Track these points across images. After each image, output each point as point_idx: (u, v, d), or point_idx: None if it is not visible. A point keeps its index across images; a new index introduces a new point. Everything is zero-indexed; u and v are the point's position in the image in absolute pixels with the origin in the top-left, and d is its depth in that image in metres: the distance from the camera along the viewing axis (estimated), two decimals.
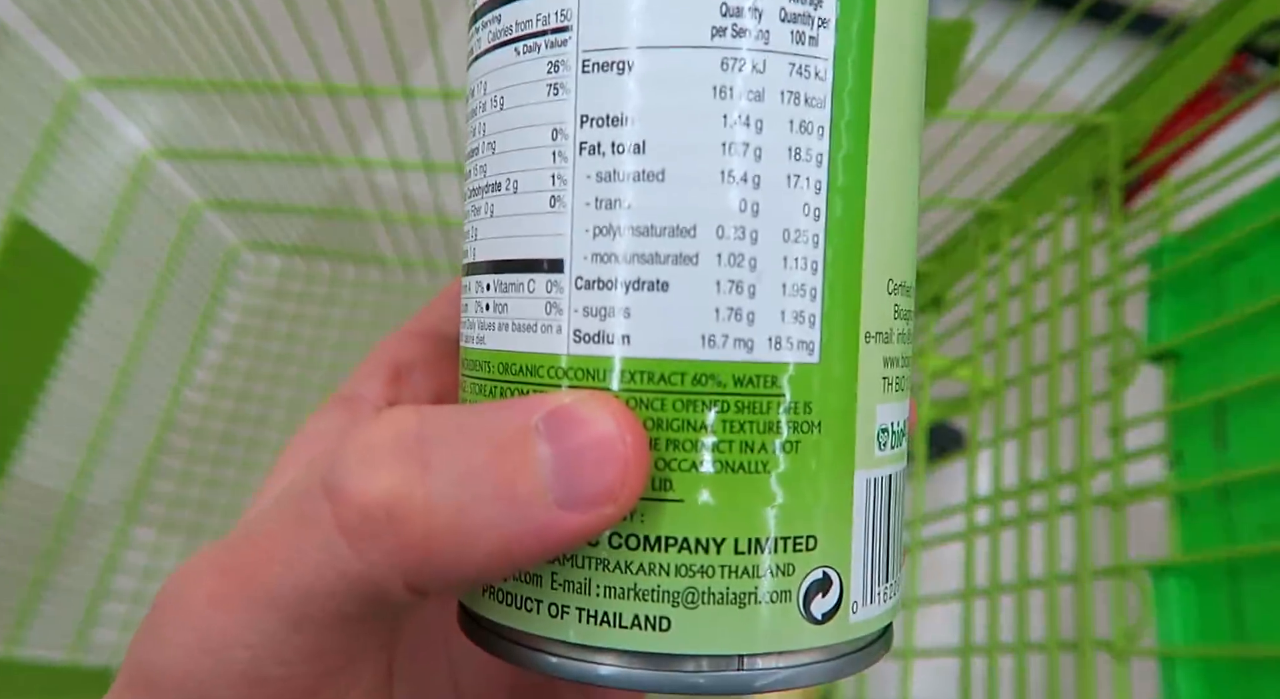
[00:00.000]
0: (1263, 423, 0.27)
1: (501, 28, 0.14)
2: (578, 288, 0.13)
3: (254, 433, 0.60)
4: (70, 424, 0.50)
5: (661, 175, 0.12)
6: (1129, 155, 0.36)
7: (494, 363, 0.14)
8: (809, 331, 0.13)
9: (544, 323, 0.13)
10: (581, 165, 0.13)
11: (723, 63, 0.12)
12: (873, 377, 0.13)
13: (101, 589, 0.53)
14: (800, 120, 0.13)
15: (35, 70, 0.46)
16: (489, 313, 0.14)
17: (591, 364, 0.13)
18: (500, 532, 0.11)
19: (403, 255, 0.62)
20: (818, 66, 0.13)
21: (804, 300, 0.13)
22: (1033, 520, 0.35)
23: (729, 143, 0.12)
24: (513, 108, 0.13)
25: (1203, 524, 0.28)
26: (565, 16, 0.13)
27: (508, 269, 0.13)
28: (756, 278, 0.12)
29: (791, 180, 0.13)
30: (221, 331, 0.63)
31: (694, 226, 0.12)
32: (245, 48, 0.46)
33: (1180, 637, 0.28)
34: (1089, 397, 0.34)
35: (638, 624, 0.13)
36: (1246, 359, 0.28)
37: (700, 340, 0.12)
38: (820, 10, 0.13)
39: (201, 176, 0.57)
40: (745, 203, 0.12)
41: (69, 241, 0.47)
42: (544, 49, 0.13)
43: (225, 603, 0.12)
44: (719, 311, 0.12)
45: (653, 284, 0.12)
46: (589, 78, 0.13)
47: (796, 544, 0.13)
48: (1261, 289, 0.28)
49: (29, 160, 0.46)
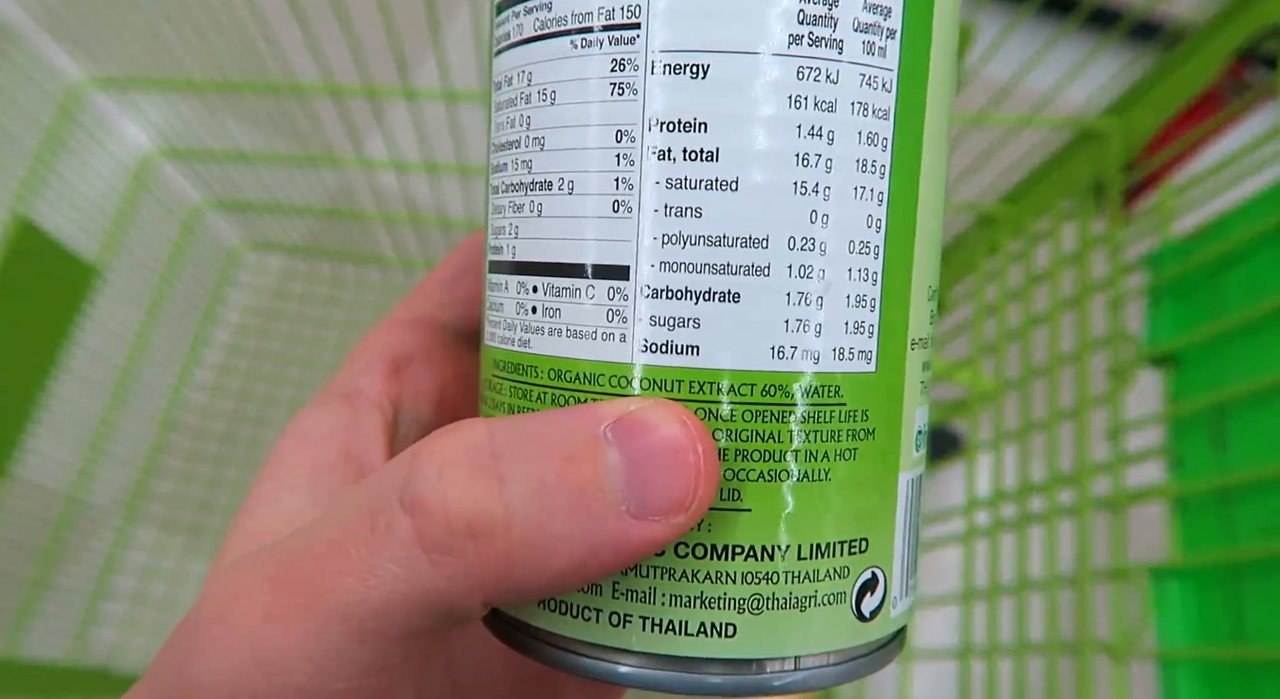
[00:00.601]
0: (1262, 426, 0.27)
1: (553, 17, 0.13)
2: (644, 296, 0.12)
3: (255, 433, 0.60)
4: (71, 424, 0.50)
5: (735, 184, 0.12)
6: (1129, 160, 0.36)
7: (543, 367, 0.13)
8: (868, 342, 0.13)
9: (605, 330, 0.13)
10: (651, 170, 0.12)
11: (799, 71, 0.12)
12: (915, 382, 0.14)
13: (102, 589, 0.53)
14: (868, 132, 0.13)
15: (38, 70, 0.46)
16: (535, 316, 0.13)
17: (659, 374, 0.13)
18: (577, 544, 0.11)
19: (404, 256, 0.63)
20: (885, 78, 0.13)
21: (865, 311, 0.13)
22: (1032, 523, 0.35)
23: (803, 153, 0.12)
24: (567, 104, 0.13)
25: (1202, 527, 0.29)
26: (634, 13, 0.12)
27: (560, 272, 0.13)
28: (824, 289, 0.12)
29: (858, 192, 0.13)
30: (223, 332, 0.63)
31: (766, 237, 0.12)
32: (247, 48, 0.46)
33: (1180, 639, 0.28)
34: (1089, 399, 0.34)
35: (704, 631, 0.13)
36: (1246, 362, 0.29)
37: (770, 352, 0.12)
38: (889, 21, 0.13)
39: (203, 177, 0.57)
40: (816, 214, 0.12)
41: (71, 241, 0.47)
42: (607, 45, 0.12)
43: (284, 618, 0.12)
44: (788, 323, 0.12)
45: (724, 295, 0.12)
46: (660, 79, 0.12)
47: (851, 547, 0.13)
48: (1260, 293, 0.28)
49: (32, 160, 0.46)
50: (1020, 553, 0.35)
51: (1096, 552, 0.31)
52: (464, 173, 0.51)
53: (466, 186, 0.54)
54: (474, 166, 0.50)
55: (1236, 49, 0.31)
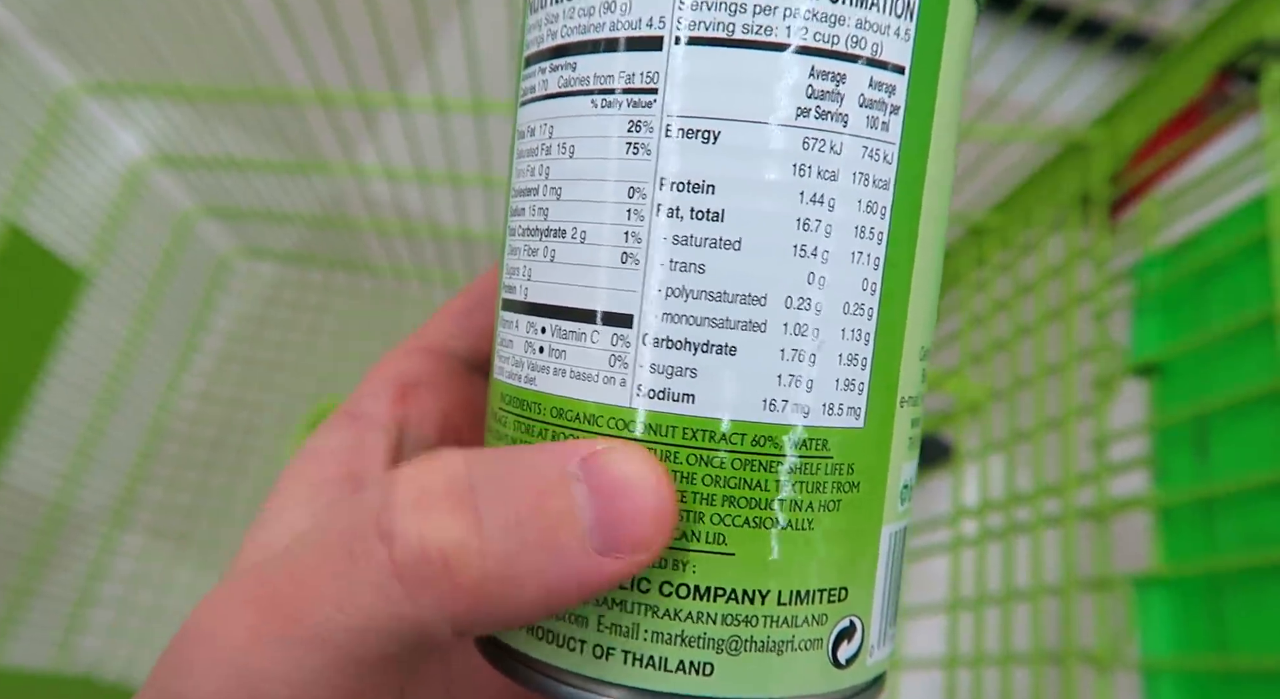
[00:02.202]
0: (1243, 436, 0.27)
1: (576, 76, 0.14)
2: (645, 344, 0.13)
3: (244, 440, 0.60)
4: (59, 430, 0.50)
5: (738, 244, 0.13)
6: (1115, 171, 0.36)
7: (546, 405, 0.14)
8: (858, 398, 0.13)
9: (606, 374, 0.13)
10: (659, 227, 0.13)
11: (804, 142, 0.13)
12: (902, 438, 0.14)
13: (87, 596, 0.53)
14: (868, 200, 0.13)
15: (29, 76, 0.47)
16: (542, 355, 0.14)
17: (655, 420, 0.13)
18: (544, 577, 0.12)
19: (395, 264, 0.63)
20: (887, 151, 0.13)
21: (856, 369, 0.13)
22: (1018, 533, 0.35)
23: (804, 218, 0.13)
24: (585, 159, 0.14)
25: (1186, 537, 0.29)
26: (652, 79, 0.13)
27: (568, 316, 0.14)
28: (817, 347, 0.13)
29: (855, 257, 0.13)
30: (213, 339, 0.62)
31: (765, 295, 0.13)
32: (239, 55, 0.46)
33: (1164, 649, 0.28)
34: (1074, 409, 0.34)
35: (682, 669, 0.13)
36: (1228, 373, 0.29)
37: (762, 404, 0.13)
38: (893, 98, 0.13)
39: (194, 184, 0.57)
40: (813, 276, 0.13)
41: (61, 248, 0.47)
42: (625, 107, 0.13)
43: (267, 640, 0.12)
44: (781, 378, 0.13)
45: (721, 347, 0.13)
46: (673, 142, 0.13)
47: (831, 596, 0.14)
48: (1243, 304, 0.29)
49: (22, 166, 0.46)
50: (1006, 563, 0.35)
51: (1081, 561, 0.31)
52: (455, 182, 0.51)
53: (458, 195, 0.54)
54: (466, 175, 0.50)
55: (1220, 63, 0.32)
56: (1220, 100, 0.32)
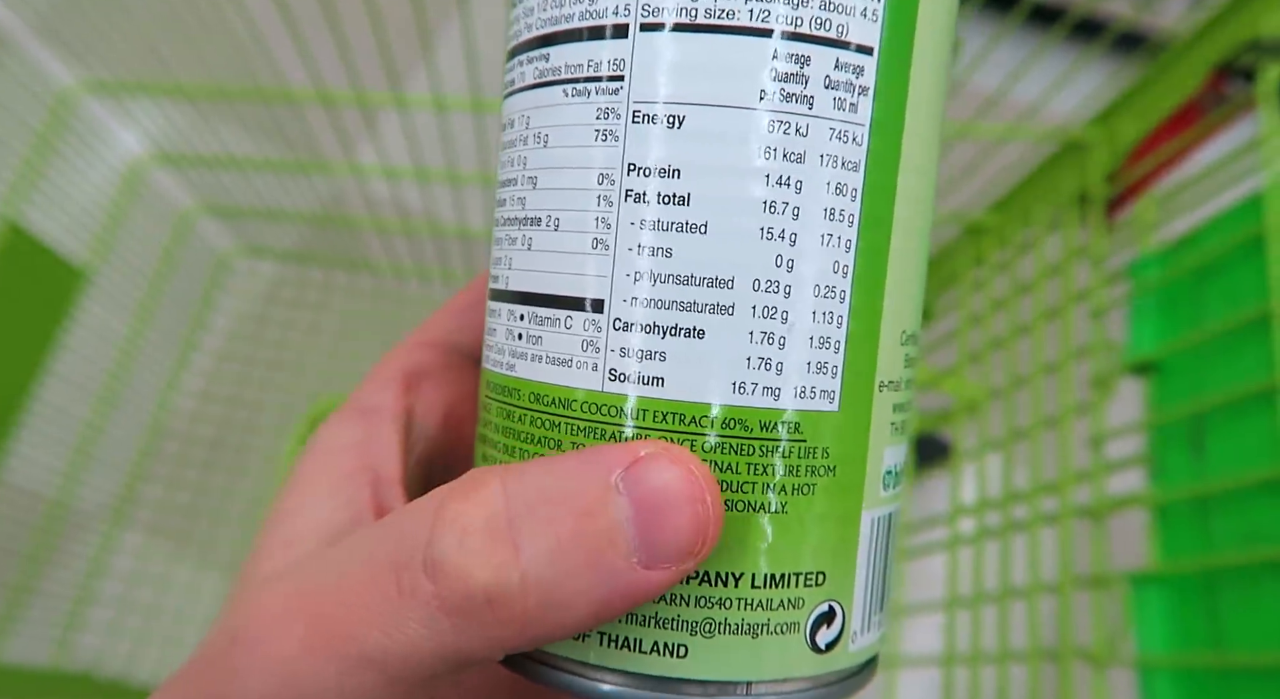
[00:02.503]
0: (1240, 434, 0.27)
1: (549, 67, 0.14)
2: (615, 329, 0.13)
3: (243, 439, 0.60)
4: (58, 428, 0.50)
5: (704, 228, 0.13)
6: (1112, 170, 0.36)
7: (524, 391, 0.14)
8: (831, 382, 0.13)
9: (580, 359, 0.13)
10: (626, 212, 0.13)
11: (769, 125, 0.13)
12: (883, 423, 0.14)
13: (86, 594, 0.53)
14: (837, 182, 0.13)
15: (30, 75, 0.47)
16: (521, 342, 0.14)
17: (624, 403, 0.13)
18: (591, 597, 0.12)
19: (394, 263, 0.63)
20: (856, 132, 0.13)
21: (828, 353, 0.13)
22: (1016, 531, 0.35)
23: (770, 201, 0.13)
24: (558, 147, 0.14)
25: (1182, 534, 0.29)
26: (619, 66, 0.13)
27: (544, 303, 0.14)
28: (787, 330, 0.13)
29: (825, 239, 0.13)
30: (212, 337, 0.63)
31: (732, 278, 0.13)
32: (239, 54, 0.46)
33: (1160, 646, 0.28)
34: (1071, 408, 0.34)
35: (656, 650, 0.13)
36: (1225, 371, 0.29)
37: (731, 387, 0.13)
38: (861, 79, 0.13)
39: (195, 183, 0.58)
40: (781, 259, 0.13)
41: (61, 246, 0.47)
42: (594, 95, 0.13)
43: (316, 654, 0.12)
44: (750, 360, 0.13)
45: (689, 331, 0.13)
46: (639, 128, 0.13)
47: (807, 580, 0.14)
48: (1239, 302, 0.29)
49: (22, 165, 0.46)
50: (1004, 561, 0.35)
51: (1078, 559, 0.31)
52: (454, 180, 0.51)
53: (457, 194, 0.54)
54: (464, 174, 0.50)
55: (1216, 62, 0.32)
56: (1217, 99, 0.32)
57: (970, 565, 0.37)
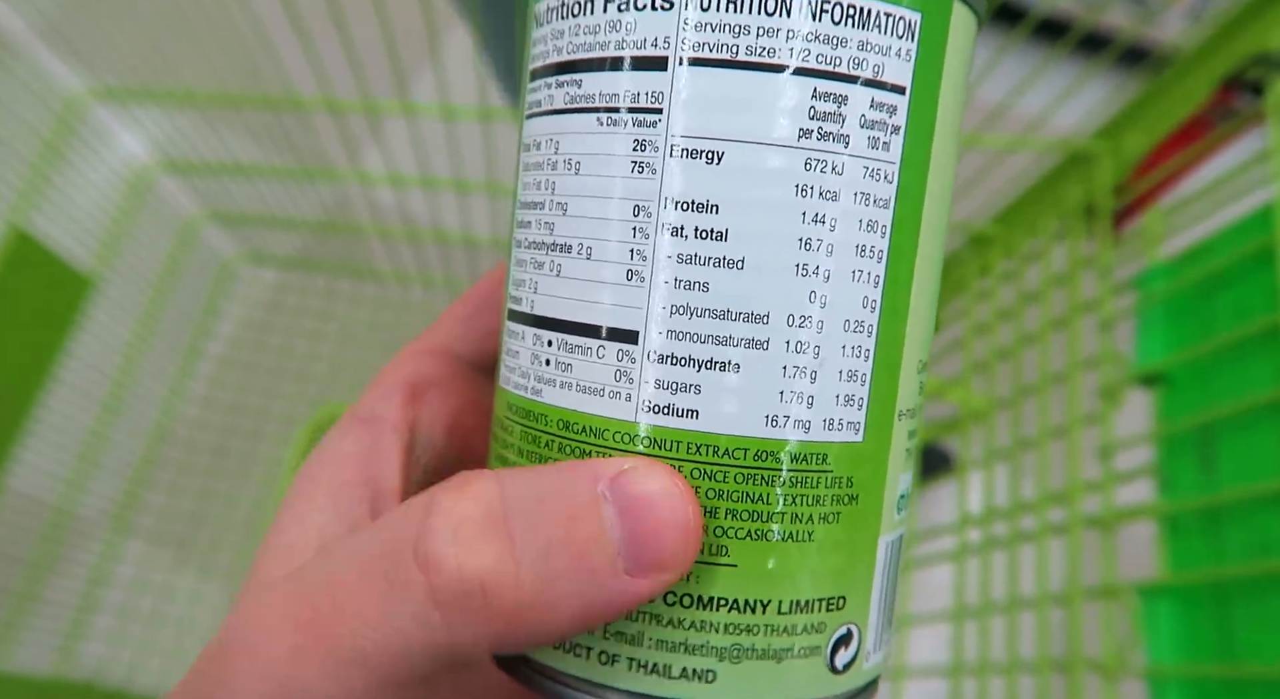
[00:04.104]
0: (1249, 446, 0.28)
1: (582, 93, 0.14)
2: (650, 360, 0.13)
3: (246, 446, 0.60)
4: (62, 435, 0.50)
5: (741, 263, 0.13)
6: (1118, 182, 0.37)
7: (552, 417, 0.14)
8: (857, 413, 0.14)
9: (612, 389, 0.14)
10: (664, 245, 0.13)
11: (806, 163, 0.13)
12: (899, 450, 0.15)
13: (89, 602, 0.52)
14: (868, 220, 0.13)
15: (37, 82, 0.47)
16: (549, 368, 0.14)
17: (659, 434, 0.13)
18: (578, 600, 0.12)
19: (399, 270, 0.63)
20: (888, 170, 0.14)
21: (856, 385, 0.14)
22: (1023, 541, 0.35)
23: (806, 238, 0.13)
24: (591, 175, 0.14)
25: (1191, 545, 0.29)
26: (657, 99, 0.13)
27: (574, 330, 0.14)
28: (819, 364, 0.13)
29: (856, 275, 0.13)
30: (216, 344, 0.63)
31: (768, 314, 0.13)
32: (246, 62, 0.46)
33: (1170, 657, 0.28)
34: (1079, 418, 0.34)
35: (685, 675, 0.13)
36: (1233, 383, 0.29)
37: (764, 420, 0.13)
38: (894, 118, 0.13)
39: (200, 189, 0.58)
40: (815, 295, 0.13)
41: (66, 252, 0.47)
42: (630, 126, 0.13)
43: (308, 657, 0.12)
44: (783, 394, 0.13)
45: (724, 364, 0.13)
46: (677, 162, 0.13)
47: (829, 605, 0.14)
48: (1248, 314, 0.29)
49: (29, 171, 0.46)
50: (1011, 571, 0.35)
51: (1087, 570, 0.31)
52: (460, 188, 0.51)
53: (463, 202, 0.54)
54: (471, 182, 0.50)
55: (1224, 75, 0.32)
56: (1225, 113, 0.32)
57: (977, 576, 0.37)
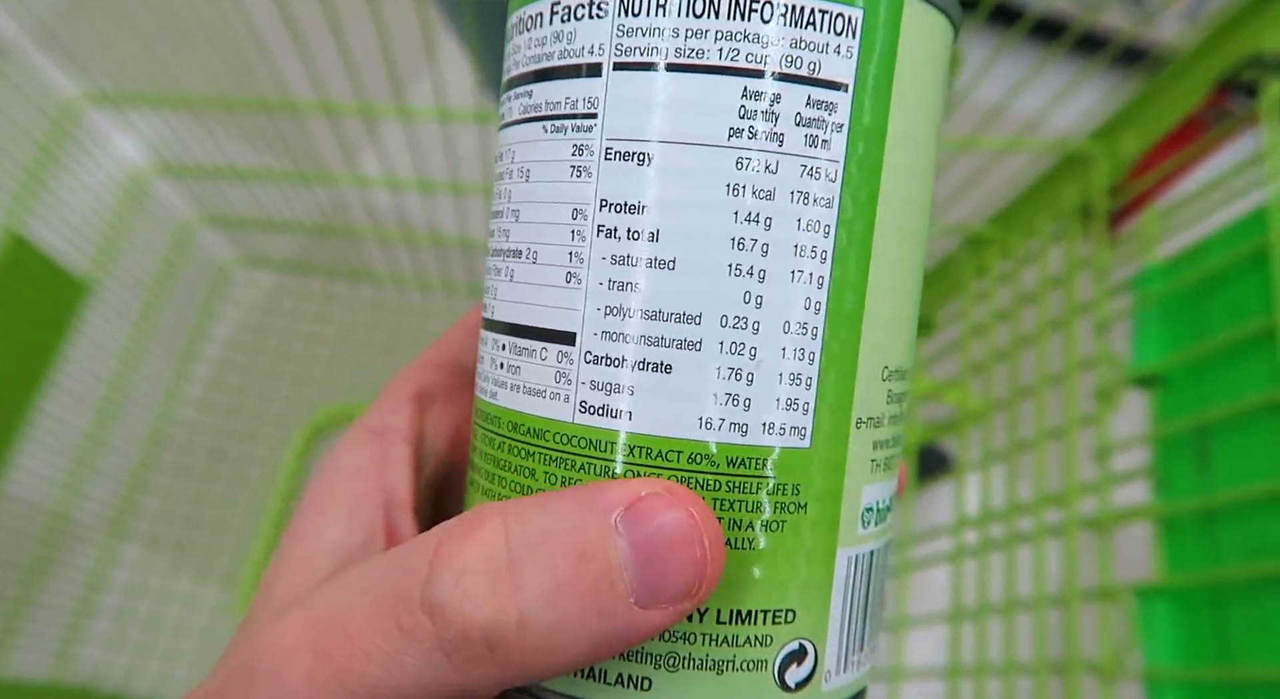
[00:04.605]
0: (1244, 447, 0.28)
1: (532, 103, 0.14)
2: (586, 362, 0.13)
3: (243, 449, 0.60)
4: (59, 439, 0.50)
5: (672, 264, 0.13)
6: (1114, 183, 0.37)
7: (504, 419, 0.14)
8: (802, 418, 0.13)
9: (553, 390, 0.14)
10: (598, 247, 0.13)
11: (737, 162, 0.13)
12: (861, 460, 0.14)
13: (86, 606, 0.52)
14: (808, 219, 0.13)
15: (33, 86, 0.47)
16: (503, 371, 0.15)
17: (594, 435, 0.13)
18: (588, 638, 0.12)
19: (395, 273, 0.63)
20: (828, 168, 0.13)
21: (799, 389, 0.13)
22: (1020, 543, 0.35)
23: (738, 238, 0.13)
24: (537, 182, 0.14)
25: (1188, 547, 0.29)
26: (593, 104, 0.13)
27: (523, 334, 0.14)
28: (755, 366, 0.13)
29: (795, 276, 0.13)
30: (213, 348, 0.62)
31: (699, 314, 0.13)
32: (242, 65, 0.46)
33: (1166, 659, 0.28)
34: (1075, 420, 0.34)
35: (621, 682, 0.13)
36: (1229, 384, 0.29)
37: (698, 422, 0.13)
38: (834, 115, 0.13)
39: (196, 193, 0.58)
40: (749, 295, 0.13)
41: (62, 256, 0.47)
42: (570, 131, 0.14)
43: (324, 689, 0.12)
44: (717, 396, 0.13)
45: (656, 365, 0.13)
46: (610, 165, 0.13)
47: (775, 617, 0.13)
48: (1243, 316, 0.29)
49: (25, 175, 0.46)
50: (1008, 572, 0.35)
51: (1083, 571, 0.31)
52: (457, 191, 0.51)
53: (460, 204, 0.54)
54: (467, 185, 0.50)
55: (1218, 77, 0.32)
56: (1219, 114, 0.32)
57: (974, 577, 0.37)
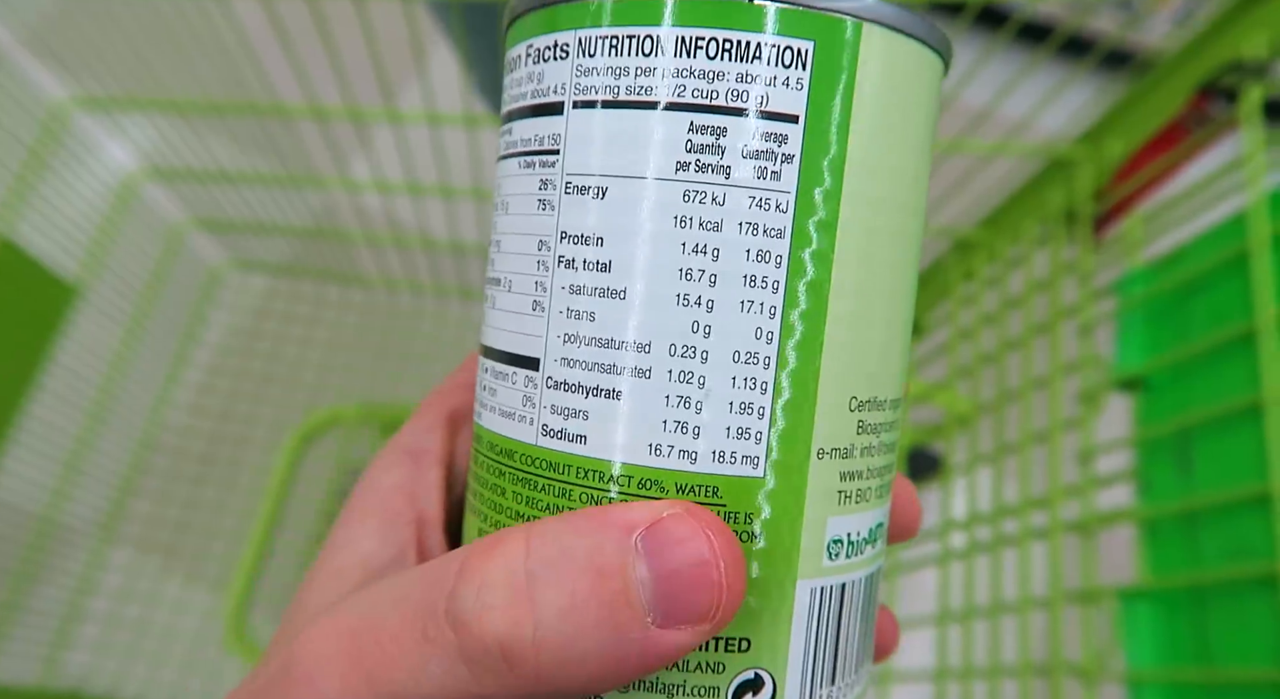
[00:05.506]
0: (1225, 450, 0.28)
1: (512, 140, 0.15)
2: (548, 387, 0.14)
3: (234, 453, 0.60)
4: (47, 444, 0.50)
5: (623, 294, 0.13)
6: (1098, 187, 0.37)
7: (485, 438, 0.15)
8: (754, 447, 0.13)
9: (520, 413, 0.14)
10: (558, 277, 0.14)
11: (684, 194, 0.13)
12: (825, 490, 0.14)
13: (74, 611, 0.52)
14: (758, 249, 0.13)
15: (21, 90, 0.47)
16: (486, 394, 0.15)
17: (554, 457, 0.14)
18: (605, 656, 0.12)
19: (387, 276, 0.63)
20: (779, 199, 0.13)
21: (751, 418, 0.13)
22: (1006, 546, 0.35)
23: (685, 268, 0.13)
24: (514, 214, 0.15)
25: (1170, 549, 0.29)
26: (556, 140, 0.14)
27: (501, 359, 0.15)
28: (704, 394, 0.13)
29: (745, 306, 0.13)
30: (203, 351, 0.62)
31: (649, 343, 0.13)
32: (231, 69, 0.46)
33: (1149, 661, 0.28)
34: (1060, 423, 0.34)
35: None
36: (1211, 387, 0.29)
37: (647, 448, 0.13)
38: (785, 147, 0.13)
39: (186, 197, 0.58)
40: (698, 325, 0.13)
41: (51, 261, 0.47)
42: (538, 167, 0.14)
43: (354, 691, 0.13)
44: (666, 423, 0.13)
45: (609, 392, 0.13)
46: (569, 198, 0.14)
47: (729, 645, 0.14)
48: (1224, 319, 0.29)
49: (13, 180, 0.46)
50: (994, 575, 0.35)
51: (1068, 574, 0.32)
52: (447, 194, 0.51)
53: (450, 208, 0.54)
54: (457, 189, 0.51)
55: (1199, 82, 0.32)
56: (1200, 119, 0.32)
57: (961, 580, 0.37)
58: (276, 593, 0.53)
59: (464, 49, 0.42)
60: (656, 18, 0.13)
